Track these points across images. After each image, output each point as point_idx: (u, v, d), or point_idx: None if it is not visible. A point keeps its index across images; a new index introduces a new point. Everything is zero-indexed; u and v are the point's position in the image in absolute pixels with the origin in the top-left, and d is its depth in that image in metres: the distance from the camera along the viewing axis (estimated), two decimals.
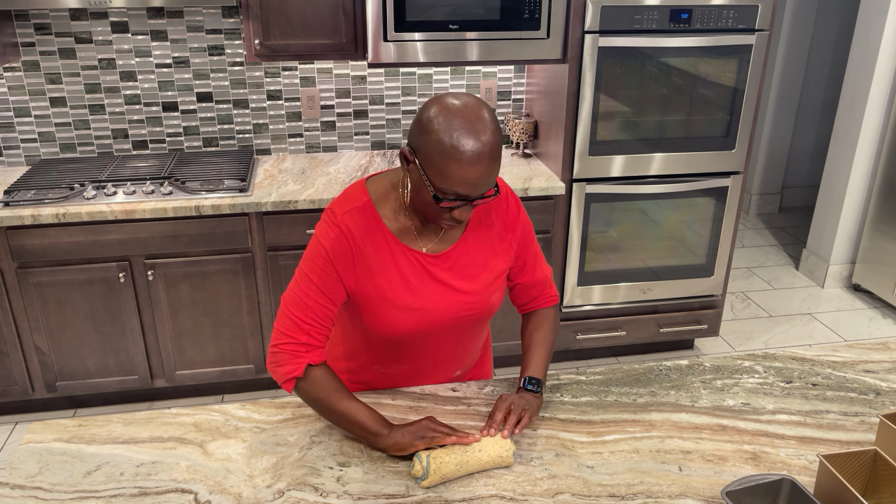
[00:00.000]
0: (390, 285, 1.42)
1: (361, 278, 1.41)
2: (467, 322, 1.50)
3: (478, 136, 1.23)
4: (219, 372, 2.97)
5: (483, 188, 1.28)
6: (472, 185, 1.26)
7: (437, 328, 1.48)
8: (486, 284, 1.48)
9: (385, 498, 1.26)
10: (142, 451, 1.37)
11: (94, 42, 2.97)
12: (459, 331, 1.52)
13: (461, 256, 1.46)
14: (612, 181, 2.97)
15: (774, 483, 1.18)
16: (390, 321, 1.44)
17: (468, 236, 1.47)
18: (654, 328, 3.26)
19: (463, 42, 2.74)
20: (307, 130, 3.26)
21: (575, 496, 1.26)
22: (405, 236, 1.43)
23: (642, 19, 2.74)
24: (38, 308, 2.73)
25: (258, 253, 2.79)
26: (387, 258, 1.42)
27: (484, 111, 1.26)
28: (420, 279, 1.44)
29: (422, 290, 1.44)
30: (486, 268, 1.48)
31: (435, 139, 1.24)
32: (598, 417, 1.47)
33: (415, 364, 1.56)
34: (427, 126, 1.25)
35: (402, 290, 1.43)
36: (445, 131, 1.23)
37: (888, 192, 3.67)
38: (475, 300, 1.48)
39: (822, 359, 1.68)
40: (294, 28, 2.74)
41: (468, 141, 1.23)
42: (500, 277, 1.51)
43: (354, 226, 1.39)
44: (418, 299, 1.44)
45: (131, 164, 3.00)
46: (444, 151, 1.23)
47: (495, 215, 1.50)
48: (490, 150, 1.24)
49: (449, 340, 1.53)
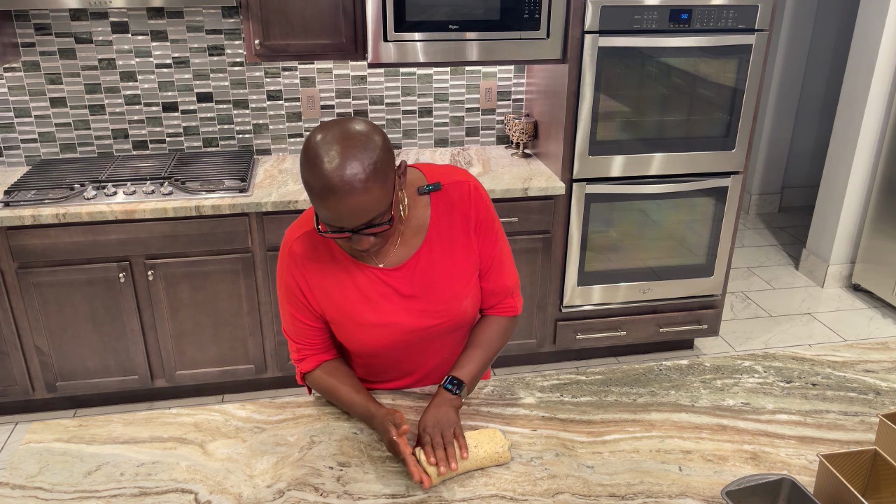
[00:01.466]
0: (351, 305, 1.40)
1: (322, 301, 1.41)
2: (442, 331, 1.47)
3: (333, 170, 1.15)
4: (219, 372, 2.97)
5: (354, 221, 1.19)
6: (337, 218, 1.19)
7: (411, 340, 1.46)
8: (455, 291, 1.43)
9: (385, 498, 1.26)
10: (142, 451, 1.37)
11: (94, 42, 2.97)
12: (437, 339, 1.49)
13: (423, 265, 1.40)
14: (611, 181, 2.97)
15: (774, 483, 1.18)
16: (359, 338, 1.44)
17: (430, 243, 1.40)
18: (654, 328, 3.26)
19: (463, 42, 2.74)
20: (307, 131, 3.26)
21: (575, 496, 1.26)
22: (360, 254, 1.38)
23: (642, 19, 2.74)
24: (38, 308, 2.73)
25: (258, 253, 2.79)
26: (343, 278, 1.40)
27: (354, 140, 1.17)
28: (380, 295, 1.40)
29: (384, 306, 1.41)
30: (452, 273, 1.42)
31: (302, 173, 1.20)
32: (598, 417, 1.47)
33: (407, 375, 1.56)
34: (300, 160, 1.21)
35: (363, 308, 1.40)
36: (306, 166, 1.18)
37: (888, 192, 3.67)
38: (443, 309, 1.43)
39: (822, 359, 1.68)
40: (294, 28, 2.74)
41: (321, 176, 1.15)
42: (469, 281, 1.45)
43: (304, 252, 1.39)
44: (382, 315, 1.41)
45: (131, 165, 3.00)
46: (306, 186, 1.19)
47: (458, 214, 1.41)
48: (346, 183, 1.15)
49: (430, 349, 1.51)
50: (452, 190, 1.41)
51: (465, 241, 1.43)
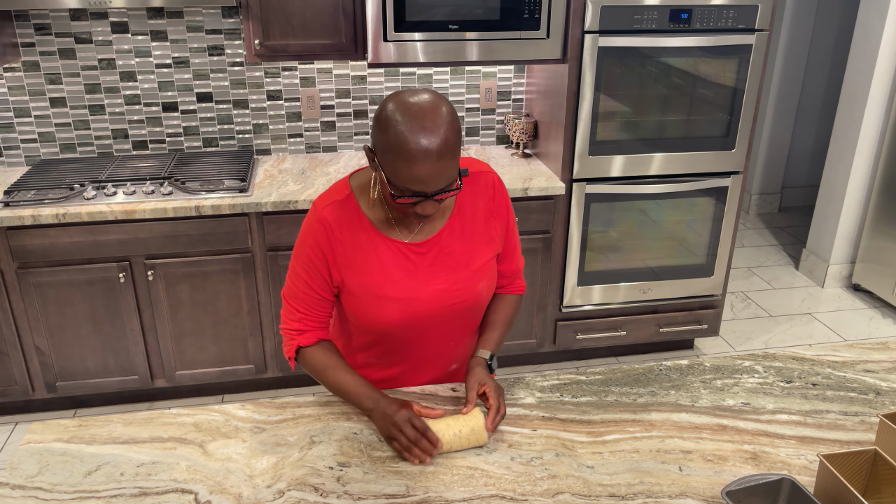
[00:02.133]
0: (372, 276, 1.43)
1: (344, 270, 1.44)
2: (455, 312, 1.50)
3: (427, 134, 1.23)
4: (219, 372, 2.97)
5: (436, 185, 1.28)
6: (423, 182, 1.26)
7: (425, 319, 1.48)
8: (472, 272, 1.48)
9: (385, 498, 1.26)
10: (142, 452, 1.37)
11: (94, 42, 2.97)
12: (449, 321, 1.51)
13: (445, 244, 1.47)
14: (611, 181, 2.97)
15: (774, 483, 1.18)
16: (375, 313, 1.45)
17: (453, 224, 1.47)
18: (654, 328, 3.26)
19: (463, 42, 2.74)
20: (307, 130, 3.26)
21: (575, 496, 1.26)
22: (387, 227, 1.44)
23: (642, 19, 2.74)
24: (38, 308, 2.73)
25: (258, 253, 2.79)
26: (368, 249, 1.43)
27: (440, 108, 1.26)
28: (402, 269, 1.44)
29: (405, 280, 1.44)
30: (471, 255, 1.49)
31: (385, 138, 1.25)
32: (598, 417, 1.47)
33: (409, 361, 1.57)
34: (381, 124, 1.27)
35: (384, 281, 1.44)
36: (396, 130, 1.24)
37: (888, 192, 3.67)
38: (460, 288, 1.47)
39: (822, 359, 1.68)
40: (294, 28, 2.74)
41: (416, 139, 1.22)
42: (486, 265, 1.51)
43: (334, 219, 1.42)
44: (402, 289, 1.44)
45: (131, 165, 3.00)
46: (393, 150, 1.24)
47: (482, 202, 1.50)
48: (439, 147, 1.23)
49: (439, 332, 1.52)
50: (478, 178, 1.50)
51: (485, 228, 1.50)
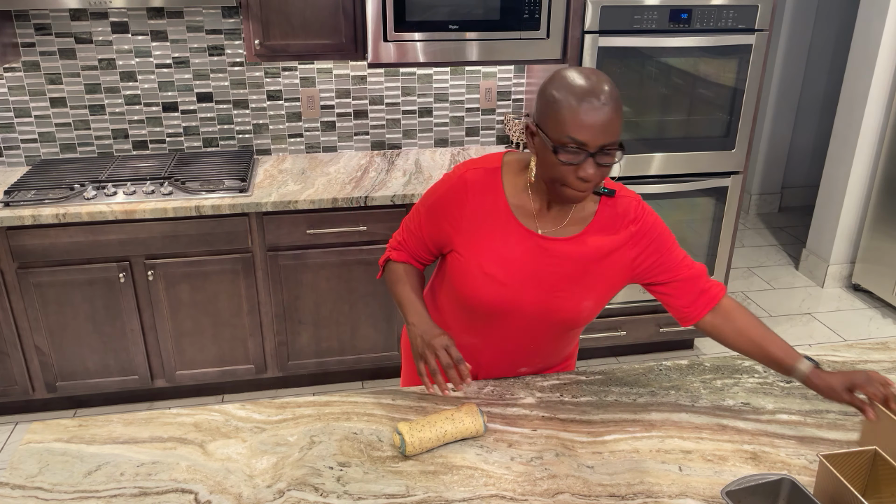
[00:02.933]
0: (488, 252, 1.43)
1: (464, 232, 1.45)
2: (550, 319, 1.48)
3: (589, 84, 1.26)
4: (219, 372, 2.97)
5: (601, 136, 1.26)
6: (588, 127, 1.25)
7: (517, 313, 1.46)
8: (584, 286, 1.45)
9: (385, 498, 1.26)
10: (142, 451, 1.37)
11: (94, 42, 2.97)
12: (538, 325, 1.49)
13: (573, 251, 1.44)
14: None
15: (774, 483, 1.18)
16: (473, 283, 1.45)
17: (587, 238, 1.44)
18: (654, 328, 3.26)
19: (463, 42, 2.74)
20: (307, 130, 3.26)
21: (575, 496, 1.26)
22: (522, 214, 1.44)
23: (642, 19, 2.74)
24: (38, 308, 2.73)
25: (258, 253, 2.79)
26: (495, 224, 1.43)
27: (599, 73, 1.29)
28: (520, 256, 1.43)
29: (516, 267, 1.43)
30: (592, 270, 1.45)
31: (550, 95, 1.28)
32: (598, 417, 1.47)
33: (483, 341, 1.55)
34: (547, 89, 1.30)
35: (497, 260, 1.43)
36: (563, 87, 1.27)
37: (888, 192, 3.67)
38: (566, 297, 1.45)
39: (822, 359, 1.68)
40: (294, 28, 2.74)
41: (583, 86, 1.25)
42: (600, 284, 1.46)
43: (475, 182, 1.44)
44: (509, 274, 1.43)
45: (131, 165, 3.00)
46: (559, 101, 1.26)
47: (623, 226, 1.45)
48: (605, 95, 1.25)
49: (524, 332, 1.51)
50: (622, 203, 1.47)
51: (616, 254, 1.46)
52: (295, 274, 2.84)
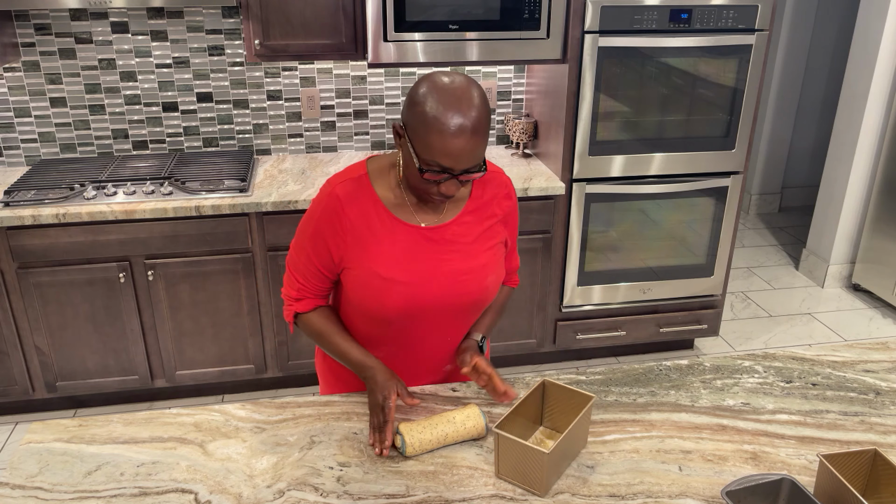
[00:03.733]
0: (379, 257, 1.43)
1: (351, 248, 1.44)
2: (460, 305, 1.49)
3: (462, 109, 1.27)
4: (219, 372, 2.97)
5: (466, 162, 1.30)
6: (454, 157, 1.28)
7: (429, 308, 1.47)
8: (482, 264, 1.49)
9: (385, 498, 1.26)
10: (142, 451, 1.37)
11: (94, 42, 2.97)
12: (452, 315, 1.50)
13: (458, 233, 1.48)
14: (611, 181, 2.97)
15: (774, 483, 1.18)
16: (379, 296, 1.44)
17: (467, 214, 1.49)
18: (654, 328, 3.26)
19: (463, 42, 2.74)
20: (307, 130, 3.27)
21: (575, 496, 1.26)
22: (401, 211, 1.45)
23: (642, 19, 2.74)
24: (38, 308, 2.73)
25: (258, 253, 2.79)
26: (378, 230, 1.44)
27: (472, 89, 1.30)
28: (412, 253, 1.45)
29: (412, 264, 1.44)
30: (482, 248, 1.50)
31: (420, 111, 1.29)
32: (598, 417, 1.47)
33: (402, 348, 1.54)
34: (415, 100, 1.31)
35: (392, 262, 1.43)
36: (431, 104, 1.28)
37: (888, 192, 3.67)
38: (469, 279, 1.47)
39: (822, 359, 1.68)
40: (294, 28, 2.74)
41: (451, 113, 1.26)
42: (495, 260, 1.52)
43: (346, 196, 1.44)
44: (408, 272, 1.44)
45: (131, 165, 3.00)
46: (427, 123, 1.28)
47: (496, 201, 1.52)
48: (473, 123, 1.27)
49: (440, 326, 1.51)
50: (494, 179, 1.53)
51: (495, 227, 1.52)
52: None
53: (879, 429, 1.44)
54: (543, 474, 1.23)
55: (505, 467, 1.28)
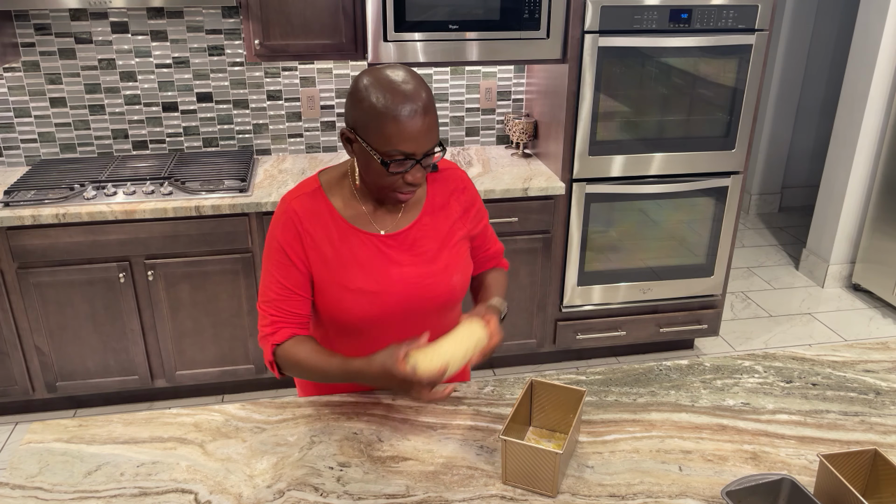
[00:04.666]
0: (343, 268, 1.43)
1: (314, 262, 1.44)
2: (428, 307, 1.49)
3: (408, 94, 1.29)
4: (219, 372, 2.97)
5: (426, 143, 1.31)
6: (414, 140, 1.30)
7: (397, 313, 1.47)
8: (445, 265, 1.49)
9: (385, 498, 1.26)
10: (142, 452, 1.37)
11: (94, 42, 2.97)
12: (421, 317, 1.50)
13: (418, 237, 1.48)
14: (611, 181, 2.97)
15: (774, 483, 1.18)
16: (346, 306, 1.45)
17: (425, 217, 1.49)
18: (654, 328, 3.26)
19: (463, 42, 2.74)
20: (307, 130, 3.27)
21: (575, 496, 1.26)
22: (359, 221, 1.45)
23: (642, 19, 2.74)
24: (38, 308, 2.73)
25: (258, 253, 2.79)
26: (338, 242, 1.44)
27: (410, 73, 1.32)
28: (375, 261, 1.45)
29: (377, 272, 1.44)
30: (444, 248, 1.50)
31: (369, 105, 1.29)
32: (598, 417, 1.47)
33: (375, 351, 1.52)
34: (359, 97, 1.31)
35: (355, 273, 1.43)
36: (377, 97, 1.29)
37: (888, 192, 3.67)
38: (434, 281, 1.47)
39: (822, 359, 1.68)
40: (294, 28, 2.74)
41: (400, 99, 1.28)
42: (459, 259, 1.52)
43: (302, 210, 1.44)
44: (373, 281, 1.44)
45: (131, 165, 3.00)
46: (379, 115, 1.28)
47: (454, 197, 1.53)
48: (424, 103, 1.30)
49: (411, 329, 1.49)
50: (449, 175, 1.55)
51: (457, 223, 1.53)
52: None
53: (879, 429, 1.44)
54: (555, 475, 1.23)
55: (513, 473, 1.27)
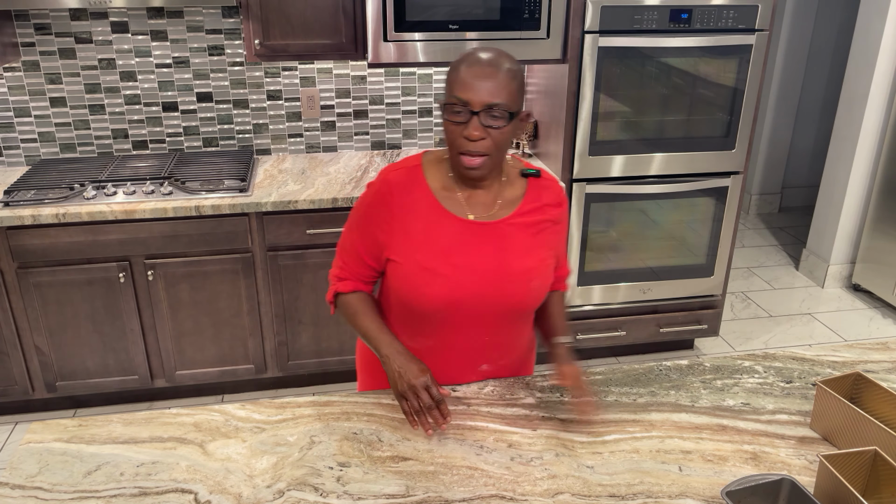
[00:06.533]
0: (424, 246, 1.44)
1: (397, 234, 1.45)
2: (501, 306, 1.48)
3: (482, 51, 1.36)
4: (219, 372, 2.97)
5: (485, 94, 1.32)
6: (470, 86, 1.32)
7: (468, 305, 1.45)
8: (528, 268, 1.47)
9: (385, 498, 1.26)
10: (142, 451, 1.37)
11: (94, 42, 2.97)
12: (492, 314, 1.48)
13: (507, 231, 1.47)
14: (612, 181, 2.97)
15: (774, 483, 1.18)
16: (419, 286, 1.44)
17: (518, 217, 1.49)
18: (654, 328, 3.26)
19: (463, 42, 2.74)
20: (307, 130, 3.27)
21: (575, 496, 1.26)
22: (450, 203, 1.46)
23: (642, 19, 2.74)
24: (38, 308, 2.73)
25: (258, 253, 2.79)
26: (425, 219, 1.45)
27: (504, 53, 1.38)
28: (457, 245, 1.44)
29: (456, 257, 1.44)
30: (531, 251, 1.48)
31: (451, 66, 1.38)
32: (598, 417, 1.47)
33: (438, 342, 1.52)
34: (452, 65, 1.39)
35: (433, 254, 1.44)
36: (461, 58, 1.38)
37: (888, 192, 3.67)
38: (512, 280, 1.46)
39: (822, 359, 1.68)
40: (294, 28, 2.74)
41: (472, 54, 1.36)
42: (542, 265, 1.50)
43: (397, 183, 1.47)
44: (451, 266, 1.43)
45: (131, 164, 3.00)
46: (452, 67, 1.37)
47: (550, 208, 1.53)
48: (491, 58, 1.34)
49: (476, 324, 1.49)
50: (550, 186, 1.55)
51: (546, 233, 1.53)
52: (295, 274, 2.84)
53: None
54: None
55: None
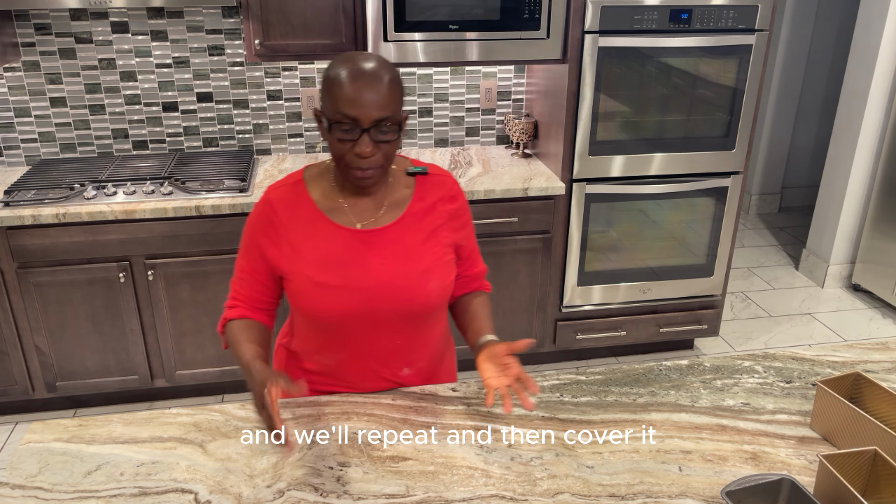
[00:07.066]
0: (315, 262, 1.42)
1: (285, 252, 1.44)
2: (403, 311, 1.45)
3: (359, 61, 1.31)
4: (219, 372, 2.97)
5: (372, 111, 1.29)
6: (357, 103, 1.28)
7: (369, 313, 1.44)
8: (423, 270, 1.45)
9: (385, 498, 1.26)
10: (142, 451, 1.37)
11: (94, 42, 2.97)
12: (396, 320, 1.46)
13: (397, 236, 1.45)
14: (611, 181, 2.97)
15: (774, 483, 1.18)
16: (312, 299, 1.43)
17: (408, 217, 1.46)
18: (654, 328, 3.26)
19: (463, 42, 2.74)
20: (307, 130, 3.26)
21: (575, 496, 1.26)
22: (336, 214, 1.44)
23: (642, 19, 2.74)
24: (38, 308, 2.73)
25: None
26: (311, 233, 1.43)
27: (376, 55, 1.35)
28: (346, 256, 1.43)
29: (346, 268, 1.42)
30: (424, 252, 1.46)
31: (328, 75, 1.32)
32: (598, 417, 1.47)
33: (350, 354, 1.51)
34: (326, 71, 1.34)
35: (323, 267, 1.42)
36: (337, 66, 1.32)
37: (888, 192, 3.67)
38: (409, 284, 1.44)
39: (822, 359, 1.68)
40: (294, 28, 2.74)
41: (349, 66, 1.30)
42: (439, 265, 1.47)
43: (279, 201, 1.45)
44: (342, 277, 1.42)
45: (131, 164, 3.00)
46: (332, 79, 1.31)
47: (442, 204, 1.50)
48: (373, 69, 1.30)
49: (383, 330, 1.48)
50: (440, 181, 1.52)
51: (440, 231, 1.50)
52: None
53: None
54: None
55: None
